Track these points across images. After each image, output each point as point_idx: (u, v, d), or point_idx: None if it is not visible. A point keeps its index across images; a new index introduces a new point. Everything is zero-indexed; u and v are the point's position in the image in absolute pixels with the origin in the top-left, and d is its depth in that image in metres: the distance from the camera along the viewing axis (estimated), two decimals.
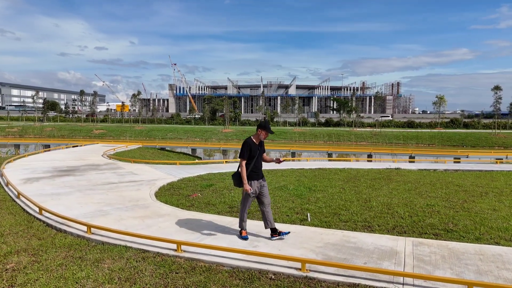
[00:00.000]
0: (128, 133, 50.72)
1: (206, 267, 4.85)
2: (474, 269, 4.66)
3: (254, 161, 5.52)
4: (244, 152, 5.48)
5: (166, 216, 7.20)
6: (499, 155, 21.39)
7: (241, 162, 5.50)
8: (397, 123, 65.68)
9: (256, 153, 5.54)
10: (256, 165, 5.58)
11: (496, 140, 39.69)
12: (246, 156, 5.48)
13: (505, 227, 6.42)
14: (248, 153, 5.49)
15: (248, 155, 5.49)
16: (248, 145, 5.52)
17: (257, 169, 5.60)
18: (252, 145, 5.55)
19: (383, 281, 4.33)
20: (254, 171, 5.56)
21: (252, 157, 5.51)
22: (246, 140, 5.61)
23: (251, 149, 5.51)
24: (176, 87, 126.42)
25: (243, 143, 5.56)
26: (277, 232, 5.77)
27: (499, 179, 11.76)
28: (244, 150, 5.48)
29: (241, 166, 5.48)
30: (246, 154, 5.48)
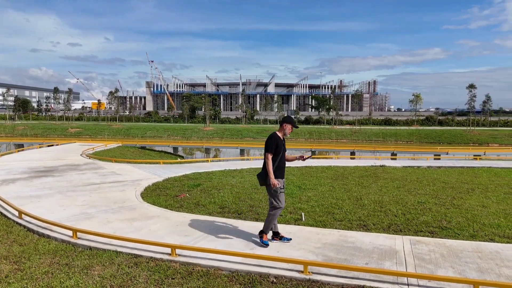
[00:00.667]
0: (106, 131, 49.46)
1: (204, 271, 4.63)
2: (475, 267, 4.64)
3: (279, 158, 5.18)
4: (271, 147, 5.11)
5: (156, 218, 6.92)
6: (477, 152, 22.05)
7: (267, 155, 5.11)
8: (374, 121, 66.90)
9: (281, 149, 5.20)
10: (282, 163, 5.25)
11: (471, 137, 40.97)
12: (273, 151, 5.11)
13: (497, 224, 6.48)
14: (275, 148, 5.12)
15: (274, 150, 5.13)
16: (275, 139, 5.15)
17: (282, 167, 5.26)
18: (279, 140, 5.19)
19: (387, 282, 4.25)
20: (279, 169, 5.20)
21: (278, 153, 5.16)
22: (272, 135, 5.22)
23: (277, 144, 5.14)
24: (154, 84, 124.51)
25: (270, 137, 5.20)
26: (279, 235, 5.56)
27: (481, 175, 12.02)
28: (272, 144, 5.11)
29: (267, 160, 5.10)
30: (273, 149, 5.11)
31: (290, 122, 5.30)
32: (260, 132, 47.26)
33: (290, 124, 5.29)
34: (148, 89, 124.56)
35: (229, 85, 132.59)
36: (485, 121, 58.22)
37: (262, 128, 50.82)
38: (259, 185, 9.90)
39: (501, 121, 61.46)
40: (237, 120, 69.92)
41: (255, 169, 13.59)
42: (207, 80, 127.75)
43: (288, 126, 5.29)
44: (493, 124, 58.32)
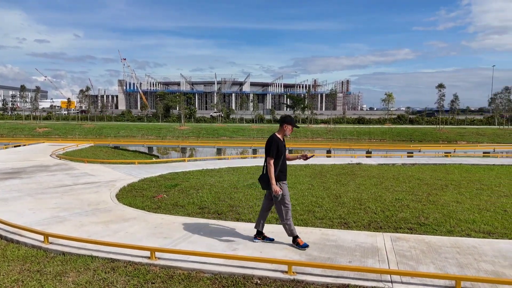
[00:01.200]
0: (77, 131, 47.83)
1: (185, 274, 4.48)
2: (455, 263, 4.71)
3: (281, 161, 5.03)
4: (272, 150, 4.94)
5: (133, 220, 6.68)
6: (448, 149, 22.81)
7: (269, 161, 4.96)
8: (348, 120, 67.94)
9: (283, 151, 5.05)
10: (284, 165, 5.11)
11: (440, 135, 42.39)
12: (274, 154, 4.95)
13: (472, 219, 6.65)
14: (276, 151, 4.96)
15: (276, 153, 4.96)
16: (276, 142, 4.99)
17: (284, 169, 5.13)
18: (279, 142, 5.04)
19: (371, 280, 4.24)
20: (282, 172, 5.06)
21: (279, 156, 4.99)
22: (272, 137, 5.05)
23: (278, 146, 4.98)
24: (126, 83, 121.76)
25: (270, 140, 5.02)
26: (261, 235, 5.47)
27: (453, 172, 12.38)
28: (272, 147, 4.94)
29: (269, 165, 4.94)
30: (274, 152, 4.94)
31: (291, 123, 5.13)
32: (237, 131, 47.07)
33: (290, 125, 5.12)
34: (121, 87, 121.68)
35: (204, 84, 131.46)
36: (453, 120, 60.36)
37: (239, 127, 50.64)
38: (238, 185, 9.84)
39: (467, 119, 63.92)
40: (212, 119, 69.35)
41: (233, 168, 13.47)
42: (182, 78, 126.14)
43: (289, 127, 5.13)
44: (461, 122, 60.56)
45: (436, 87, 46.47)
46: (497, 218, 6.75)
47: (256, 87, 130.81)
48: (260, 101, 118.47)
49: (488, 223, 6.45)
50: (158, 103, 79.08)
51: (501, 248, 5.24)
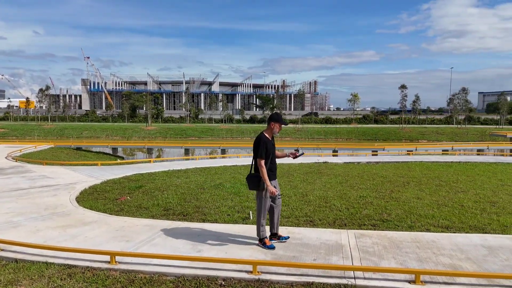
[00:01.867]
0: (36, 132, 45.65)
1: (147, 278, 4.34)
2: (415, 257, 4.84)
3: (270, 159, 4.94)
4: (261, 150, 4.86)
5: (93, 223, 6.41)
6: (410, 147, 23.71)
7: (259, 162, 4.87)
8: (316, 120, 69.22)
9: (272, 150, 4.97)
10: (273, 164, 5.03)
11: (403, 134, 44.04)
12: (263, 154, 4.86)
13: (432, 214, 6.90)
14: (265, 151, 4.88)
15: (265, 153, 4.88)
16: (264, 142, 4.89)
17: (274, 168, 5.06)
18: (268, 142, 4.94)
19: (335, 277, 4.27)
20: (271, 171, 4.98)
21: (268, 155, 4.91)
22: (260, 137, 4.95)
23: (267, 146, 4.89)
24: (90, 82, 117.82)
25: (258, 141, 4.92)
26: (277, 236, 5.36)
27: (415, 169, 12.84)
28: (261, 147, 4.86)
29: (260, 167, 4.86)
30: (263, 152, 4.86)
31: (278, 121, 5.00)
32: (205, 131, 46.70)
33: (278, 123, 5.00)
34: (84, 87, 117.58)
35: (172, 83, 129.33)
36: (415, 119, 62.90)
37: (208, 127, 50.25)
38: (205, 185, 9.69)
39: (428, 119, 66.84)
40: (181, 119, 68.35)
41: (201, 168, 13.30)
42: (149, 78, 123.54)
43: (277, 125, 5.01)
44: (422, 122, 63.21)
45: (399, 88, 48.33)
46: (454, 213, 7.03)
47: (226, 87, 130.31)
48: (229, 101, 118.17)
49: (446, 218, 6.71)
50: (124, 103, 77.00)
51: (458, 241, 5.46)
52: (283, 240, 5.35)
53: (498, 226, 6.24)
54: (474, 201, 7.92)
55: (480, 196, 8.41)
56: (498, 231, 6.02)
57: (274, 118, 5.03)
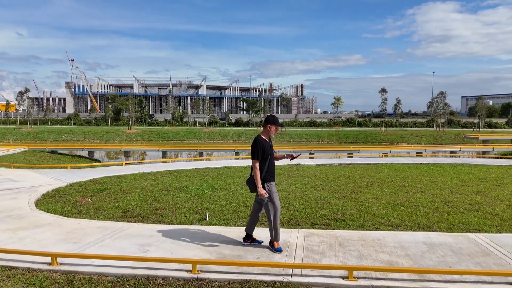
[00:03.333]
0: (14, 135, 44.78)
1: (86, 279, 4.35)
2: (356, 254, 4.97)
3: (268, 161, 4.95)
4: (257, 153, 4.86)
5: (46, 226, 6.37)
6: (385, 150, 24.10)
7: (254, 163, 4.88)
8: (300, 123, 69.65)
9: (269, 152, 4.96)
10: (271, 166, 5.02)
11: (383, 136, 44.72)
12: (260, 156, 4.87)
13: (385, 214, 7.06)
14: (262, 153, 4.88)
15: (262, 155, 4.89)
16: (261, 144, 4.90)
17: (272, 169, 5.04)
18: (265, 144, 4.95)
19: (273, 275, 4.35)
20: (269, 173, 4.98)
21: (266, 157, 4.92)
22: (257, 139, 4.97)
23: (264, 148, 4.90)
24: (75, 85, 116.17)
25: (255, 143, 4.94)
26: (251, 238, 5.36)
27: (383, 171, 13.09)
28: (258, 150, 4.86)
29: (254, 168, 4.86)
30: (260, 154, 4.87)
31: (274, 123, 5.01)
32: (188, 134, 46.53)
33: (274, 125, 5.01)
34: (69, 89, 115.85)
35: (159, 86, 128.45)
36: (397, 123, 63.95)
37: (190, 130, 50.07)
38: (170, 187, 9.70)
39: (410, 122, 68.04)
40: (165, 122, 67.97)
41: (172, 171, 13.29)
42: (135, 81, 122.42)
43: (273, 127, 5.02)
44: (403, 125, 64.26)
45: (379, 91, 49.08)
46: (407, 212, 7.21)
47: (213, 90, 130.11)
48: (217, 104, 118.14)
49: (398, 217, 6.88)
50: (108, 106, 76.19)
51: (402, 239, 5.61)
52: (256, 243, 5.32)
53: (446, 225, 6.43)
54: (430, 201, 8.13)
55: (437, 196, 8.63)
56: (444, 229, 6.21)
57: (270, 121, 5.04)
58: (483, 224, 6.43)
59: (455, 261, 4.75)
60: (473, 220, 6.65)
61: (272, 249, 5.09)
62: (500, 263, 4.69)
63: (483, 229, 6.19)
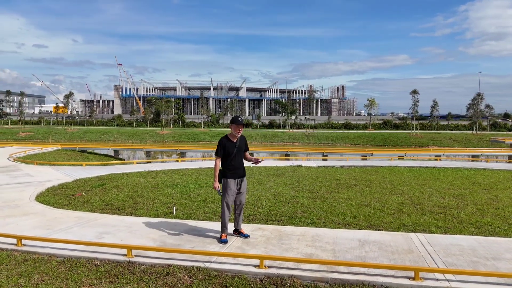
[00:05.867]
0: (58, 135, 48.32)
1: (39, 258, 5.07)
2: (285, 247, 5.29)
3: (230, 159, 5.46)
4: (217, 150, 5.47)
5: (33, 215, 7.25)
6: (401, 153, 23.55)
7: (215, 159, 5.54)
8: (335, 125, 68.85)
9: (232, 150, 5.45)
10: (233, 164, 5.48)
11: (414, 139, 43.28)
12: (219, 154, 5.46)
13: (343, 213, 7.27)
14: (222, 151, 5.44)
15: (222, 153, 5.45)
16: (222, 142, 5.47)
17: (233, 167, 5.49)
18: (226, 143, 5.47)
19: (196, 261, 4.82)
20: (230, 170, 5.47)
21: (227, 155, 5.44)
22: (221, 138, 5.59)
23: (224, 146, 5.44)
24: (122, 88, 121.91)
25: (219, 141, 5.54)
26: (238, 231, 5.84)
27: (379, 173, 13.04)
28: (218, 147, 5.48)
29: (214, 164, 5.52)
30: (219, 152, 5.46)
31: (234, 122, 5.50)
32: (217, 135, 47.68)
33: (234, 124, 5.50)
34: (116, 92, 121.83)
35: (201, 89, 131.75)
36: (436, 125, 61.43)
37: (220, 131, 51.37)
38: (161, 185, 10.42)
39: (451, 125, 65.03)
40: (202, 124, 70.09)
41: (175, 170, 14.06)
42: (178, 84, 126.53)
43: (233, 126, 5.51)
44: (443, 127, 61.58)
45: (410, 93, 47.59)
46: (368, 212, 7.36)
47: (253, 93, 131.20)
48: (256, 106, 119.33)
49: (354, 216, 7.07)
50: (147, 109, 79.79)
51: (340, 236, 5.86)
52: (242, 237, 5.72)
53: (396, 225, 6.57)
54: (400, 203, 8.19)
55: (411, 199, 8.65)
56: (392, 229, 6.36)
57: (231, 121, 5.58)
58: (435, 225, 6.50)
59: (374, 256, 4.97)
60: (428, 222, 6.72)
61: (219, 240, 5.57)
62: (415, 259, 4.85)
63: (429, 229, 6.28)
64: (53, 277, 4.54)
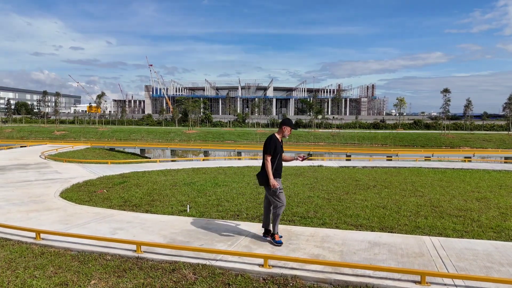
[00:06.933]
0: (90, 134, 50.20)
1: (55, 252, 5.30)
2: (293, 247, 5.28)
3: (277, 159, 5.39)
4: (270, 148, 5.28)
5: (55, 210, 7.58)
6: (427, 153, 22.77)
7: (266, 157, 5.27)
8: (363, 124, 67.59)
9: (280, 151, 5.39)
10: (280, 164, 5.44)
11: (445, 140, 41.76)
12: (271, 152, 5.28)
13: (357, 214, 7.14)
14: (273, 150, 5.30)
15: (273, 152, 5.31)
16: (274, 141, 5.32)
17: (280, 167, 5.45)
18: (277, 142, 5.38)
19: (202, 258, 4.89)
20: (277, 170, 5.38)
21: (276, 154, 5.34)
22: (271, 137, 5.39)
23: (276, 145, 5.32)
24: (153, 88, 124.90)
25: (269, 139, 5.36)
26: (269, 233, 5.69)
27: (402, 175, 12.69)
28: (270, 145, 5.29)
29: (266, 162, 5.26)
30: (272, 150, 5.28)
31: (289, 125, 5.46)
32: (242, 135, 48.08)
33: (288, 127, 5.46)
34: (147, 92, 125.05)
35: (229, 89, 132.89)
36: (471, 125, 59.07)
37: (245, 131, 51.64)
38: (180, 183, 10.62)
39: (487, 125, 62.29)
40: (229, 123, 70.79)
41: (195, 169, 14.26)
42: (206, 84, 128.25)
43: (287, 129, 5.46)
44: (478, 128, 59.08)
45: (441, 92, 45.89)
46: (383, 214, 7.19)
47: (280, 92, 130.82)
48: (283, 105, 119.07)
49: (368, 218, 6.93)
50: (175, 108, 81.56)
51: (350, 237, 5.76)
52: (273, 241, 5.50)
53: (411, 228, 6.38)
54: (418, 205, 7.95)
55: (431, 201, 8.38)
56: (405, 231, 6.19)
57: (285, 123, 5.49)
58: (451, 229, 6.28)
59: (383, 259, 4.87)
60: (445, 225, 6.50)
61: (273, 242, 5.41)
62: (425, 263, 4.71)
63: (445, 233, 6.07)
64: (66, 270, 4.74)
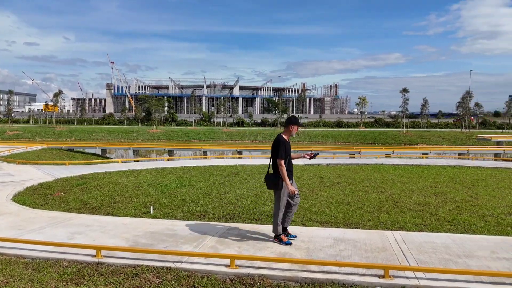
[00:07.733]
0: (46, 134, 47.74)
1: (7, 260, 4.93)
2: (260, 246, 5.24)
3: (288, 160, 5.17)
4: (281, 152, 5.04)
5: (7, 215, 7.10)
6: (388, 151, 23.69)
7: (279, 162, 5.04)
8: (326, 123, 69.09)
9: (289, 151, 5.21)
10: (290, 164, 5.26)
11: (403, 138, 43.60)
12: (283, 156, 5.05)
13: (322, 211, 7.24)
14: (284, 152, 5.08)
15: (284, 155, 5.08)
16: (283, 143, 5.10)
17: (291, 168, 5.27)
18: (286, 143, 5.18)
19: (166, 261, 4.73)
20: (289, 171, 5.17)
21: (287, 156, 5.13)
22: (279, 138, 5.14)
23: (286, 147, 5.12)
24: (114, 86, 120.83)
25: (277, 142, 5.11)
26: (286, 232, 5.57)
27: (364, 172, 13.07)
28: (281, 149, 5.05)
29: (280, 166, 5.03)
30: (283, 153, 5.04)
31: (296, 123, 5.29)
32: (208, 134, 47.63)
33: (295, 125, 5.28)
34: (109, 91, 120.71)
35: (194, 87, 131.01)
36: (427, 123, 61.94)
37: (210, 130, 51.23)
38: (143, 184, 10.29)
39: (441, 123, 65.63)
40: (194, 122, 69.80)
41: (159, 169, 13.92)
42: (171, 82, 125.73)
43: (295, 127, 5.28)
44: (433, 126, 62.08)
45: (400, 91, 47.94)
46: (347, 210, 7.34)
47: (246, 91, 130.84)
48: (249, 104, 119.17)
49: (333, 214, 7.04)
50: (138, 107, 79.29)
51: (315, 234, 5.81)
52: (291, 238, 5.49)
53: (374, 223, 6.55)
54: (380, 201, 8.19)
55: (392, 196, 8.66)
56: (368, 227, 6.34)
57: (292, 121, 5.28)
58: (412, 223, 6.50)
59: (348, 255, 4.94)
60: (406, 219, 6.72)
61: (283, 243, 5.28)
62: (388, 257, 4.82)
63: (406, 227, 6.27)
64: (19, 278, 4.42)
